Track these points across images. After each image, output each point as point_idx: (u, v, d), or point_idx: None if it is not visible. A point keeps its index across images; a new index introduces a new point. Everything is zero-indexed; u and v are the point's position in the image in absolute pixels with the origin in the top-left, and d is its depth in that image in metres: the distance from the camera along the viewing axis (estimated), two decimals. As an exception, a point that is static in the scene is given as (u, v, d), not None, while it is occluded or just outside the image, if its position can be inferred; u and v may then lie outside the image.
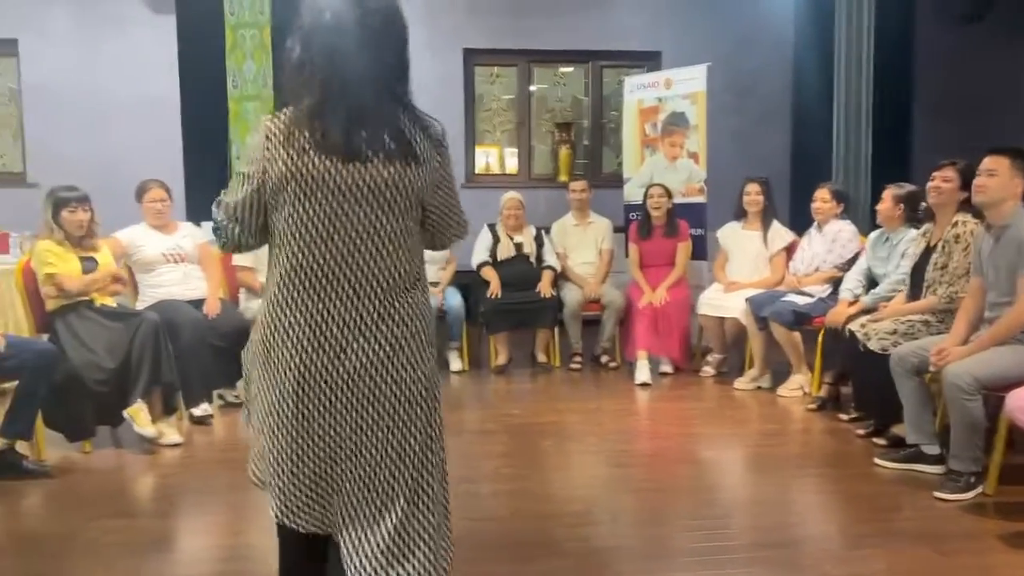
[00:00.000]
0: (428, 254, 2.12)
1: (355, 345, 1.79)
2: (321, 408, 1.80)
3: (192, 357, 4.14)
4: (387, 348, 1.81)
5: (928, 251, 3.83)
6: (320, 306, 1.77)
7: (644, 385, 5.16)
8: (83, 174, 5.23)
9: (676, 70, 6.34)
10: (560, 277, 5.74)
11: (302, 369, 1.78)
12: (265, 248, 1.90)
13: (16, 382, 3.50)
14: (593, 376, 5.53)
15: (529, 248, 5.74)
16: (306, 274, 1.77)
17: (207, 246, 4.69)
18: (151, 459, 3.80)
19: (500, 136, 7.94)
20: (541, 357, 5.70)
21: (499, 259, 5.69)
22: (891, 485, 3.38)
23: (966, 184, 3.49)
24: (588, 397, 5.02)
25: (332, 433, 1.82)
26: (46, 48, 6.98)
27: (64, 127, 6.96)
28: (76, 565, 2.71)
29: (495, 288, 5.50)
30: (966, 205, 3.62)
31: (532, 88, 7.91)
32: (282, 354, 1.79)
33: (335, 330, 1.78)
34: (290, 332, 1.79)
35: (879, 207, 4.38)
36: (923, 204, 4.11)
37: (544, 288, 5.55)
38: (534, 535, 2.90)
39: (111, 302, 4.00)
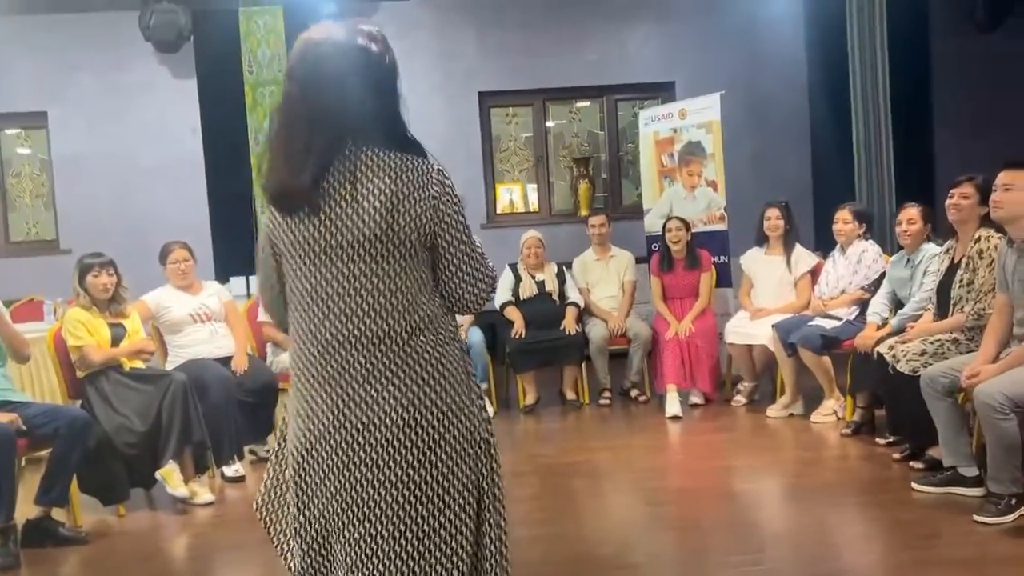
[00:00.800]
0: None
1: (352, 405, 1.69)
2: (323, 474, 1.72)
3: (221, 415, 4.18)
4: (392, 403, 1.68)
5: (952, 268, 3.77)
6: (314, 369, 1.71)
7: (675, 418, 5.10)
8: (113, 239, 5.39)
9: (690, 100, 6.36)
10: (584, 313, 5.73)
11: (304, 436, 1.73)
12: None
13: (50, 449, 3.57)
14: (623, 411, 5.48)
15: (551, 286, 5.75)
16: (300, 336, 1.73)
17: (232, 303, 4.77)
18: (185, 519, 3.83)
19: (519, 175, 8.01)
20: (570, 395, 5.67)
21: (522, 298, 5.70)
22: (930, 510, 3.29)
23: (985, 199, 3.43)
24: (619, 434, 4.98)
25: (337, 497, 1.71)
26: (74, 118, 7.21)
27: (94, 194, 7.16)
28: (111, 631, 2.73)
29: (519, 327, 5.51)
30: (988, 220, 3.57)
31: (548, 124, 7.98)
32: (293, 424, 1.77)
33: (328, 391, 1.70)
34: (296, 398, 1.76)
35: (904, 228, 4.34)
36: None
37: (569, 325, 5.54)
38: (567, 581, 2.87)
39: (140, 364, 4.08)
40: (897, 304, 4.39)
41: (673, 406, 5.15)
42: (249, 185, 7.02)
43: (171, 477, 3.82)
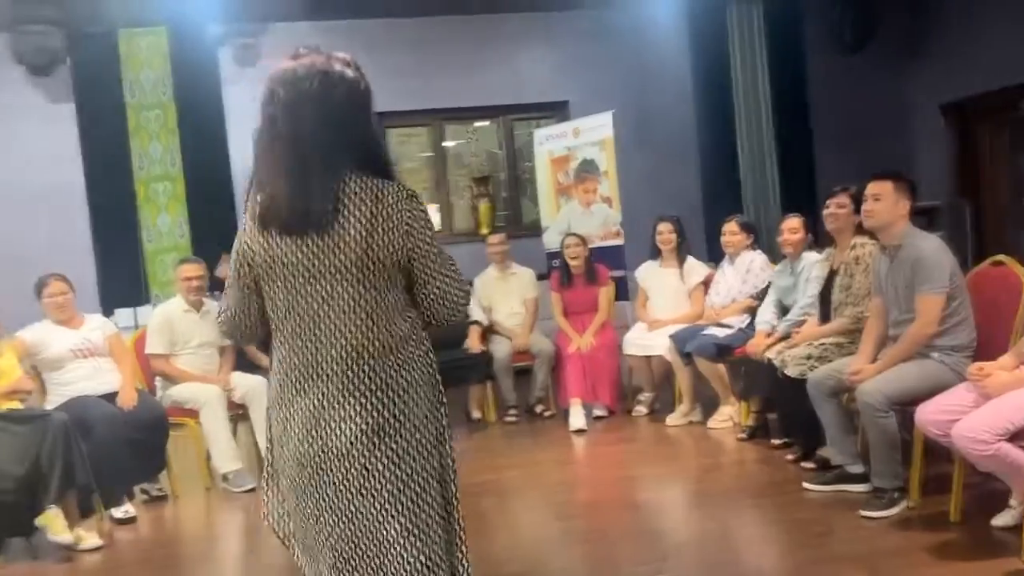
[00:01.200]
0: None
1: (332, 424, 1.75)
2: (317, 495, 1.77)
3: (108, 454, 3.96)
4: (370, 423, 1.74)
5: (832, 275, 3.96)
6: (295, 387, 1.78)
7: (580, 432, 5.15)
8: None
9: (582, 119, 6.49)
10: (487, 331, 5.73)
11: (297, 457, 1.78)
12: (173, 335, 1.88)
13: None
14: (529, 427, 5.50)
15: (453, 305, 5.71)
16: (285, 353, 1.79)
17: (118, 336, 4.56)
18: (70, 567, 3.59)
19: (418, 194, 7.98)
20: (476, 413, 5.66)
21: (424, 319, 5.65)
22: (822, 509, 3.43)
23: (859, 208, 3.62)
24: (526, 450, 4.99)
25: (332, 518, 1.77)
26: (-59, 143, 6.76)
27: (-32, 224, 6.71)
28: None
29: (423, 349, 5.45)
30: (863, 228, 3.76)
31: (446, 144, 7.99)
32: (281, 448, 1.82)
33: (311, 410, 1.76)
34: (279, 411, 1.82)
35: (786, 237, 4.53)
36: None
37: (473, 343, 5.53)
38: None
39: (17, 404, 3.83)
40: (783, 311, 4.57)
41: (577, 420, 5.20)
42: (134, 212, 6.75)
43: (54, 523, 3.58)
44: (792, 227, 4.50)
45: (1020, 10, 6.81)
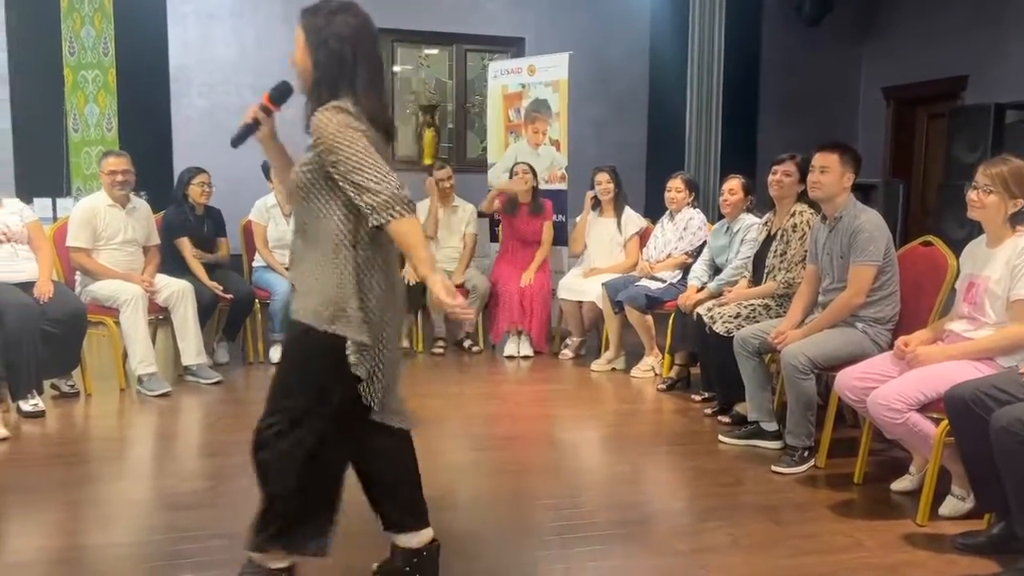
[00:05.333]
0: (277, 238, 3.27)
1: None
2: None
3: (19, 344, 3.82)
4: None
5: (769, 239, 4.06)
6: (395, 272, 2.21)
7: (511, 358, 5.38)
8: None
9: (539, 57, 6.41)
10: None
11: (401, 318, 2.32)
12: (96, 229, 1.91)
13: None
14: (456, 361, 5.53)
15: (391, 232, 5.65)
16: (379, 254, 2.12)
17: (38, 224, 4.35)
18: (-28, 456, 3.48)
19: (362, 116, 7.79)
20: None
21: (359, 243, 5.57)
22: (734, 461, 3.56)
23: (804, 177, 3.70)
24: (451, 382, 5.02)
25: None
26: None
27: None
28: None
29: (354, 273, 5.38)
30: (804, 196, 3.86)
31: (396, 69, 7.78)
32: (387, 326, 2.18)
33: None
34: (384, 287, 2.16)
35: (726, 197, 4.60)
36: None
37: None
38: (391, 522, 2.86)
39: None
40: (715, 270, 4.67)
41: (511, 347, 5.40)
42: (60, 99, 6.39)
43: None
44: (732, 188, 4.57)
45: (972, 5, 7.00)
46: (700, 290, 4.56)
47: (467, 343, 5.75)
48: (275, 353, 5.29)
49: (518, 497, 3.19)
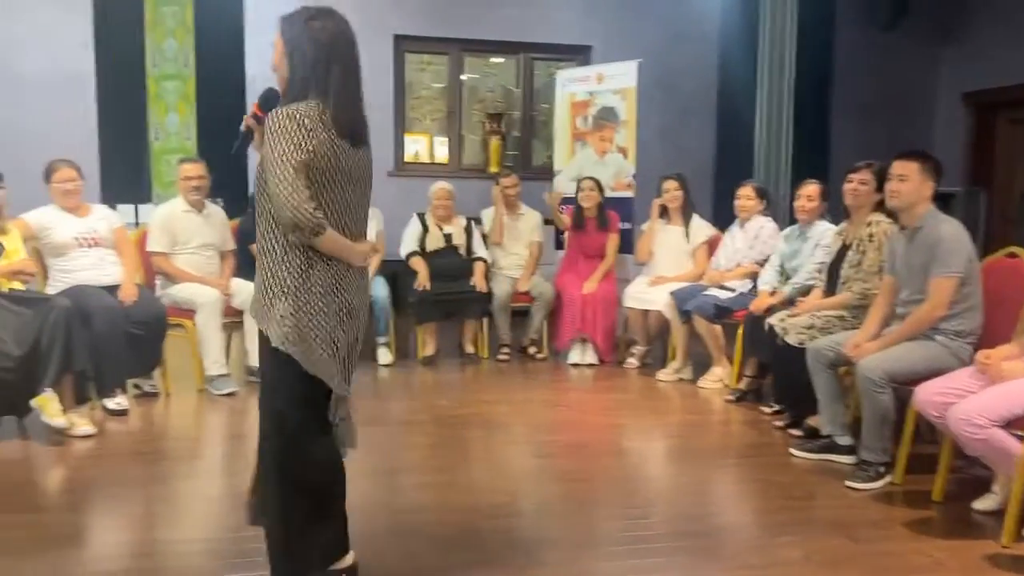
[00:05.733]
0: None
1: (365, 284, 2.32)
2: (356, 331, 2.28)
3: (106, 345, 3.98)
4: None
5: (844, 249, 3.97)
6: (347, 267, 2.18)
7: (576, 366, 5.37)
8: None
9: (608, 65, 6.41)
10: (489, 269, 5.74)
11: (361, 308, 2.28)
12: (174, 233, 2.04)
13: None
14: (520, 367, 5.55)
15: (459, 239, 5.71)
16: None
17: (123, 230, 4.53)
18: (61, 451, 3.64)
19: (430, 124, 7.88)
20: (469, 348, 5.69)
21: (428, 250, 5.65)
22: (806, 475, 3.49)
23: (881, 185, 3.61)
24: (515, 388, 5.04)
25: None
26: (-52, 17, 6.59)
27: (-33, 101, 6.58)
28: (-22, 562, 2.58)
29: (423, 279, 5.46)
30: (881, 205, 3.76)
31: (463, 77, 7.86)
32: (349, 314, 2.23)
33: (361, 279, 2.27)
34: (339, 280, 2.18)
35: (803, 203, 4.52)
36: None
37: (478, 281, 5.54)
38: (458, 527, 2.89)
39: (19, 285, 3.82)
40: (785, 276, 4.59)
41: (575, 355, 5.37)
42: (143, 109, 6.64)
43: (48, 406, 3.61)
44: (809, 194, 4.49)
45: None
46: (772, 295, 4.49)
47: (532, 350, 5.77)
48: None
49: (583, 506, 3.18)
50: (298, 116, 2.04)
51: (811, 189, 4.50)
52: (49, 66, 6.58)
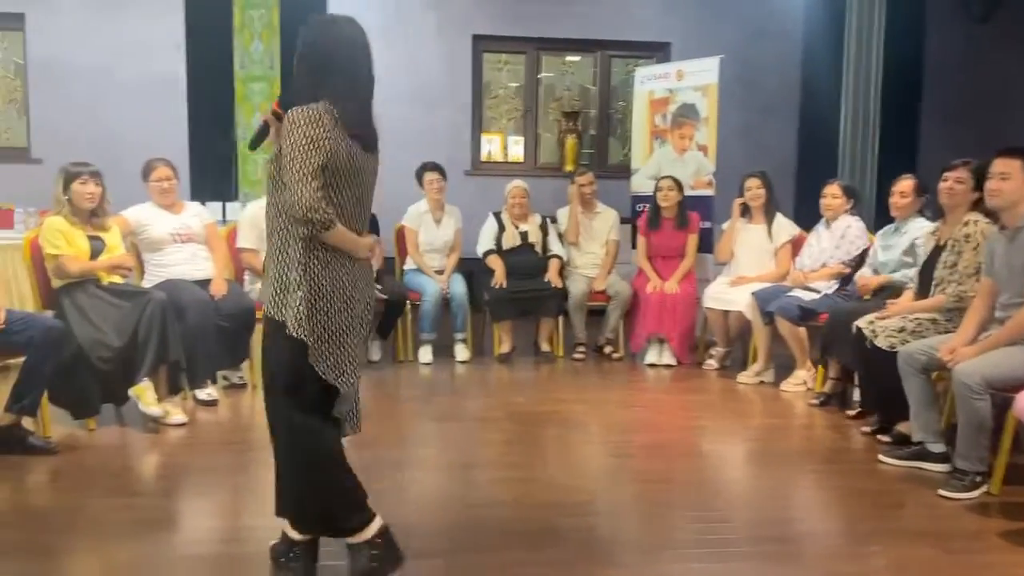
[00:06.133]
0: (429, 243, 3.87)
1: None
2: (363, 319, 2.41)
3: (197, 338, 4.13)
4: None
5: (938, 250, 3.82)
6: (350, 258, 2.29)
7: (652, 366, 5.31)
8: (87, 151, 5.19)
9: (688, 62, 6.32)
10: (565, 267, 5.74)
11: (365, 299, 2.40)
12: (262, 231, 2.42)
13: (21, 358, 3.49)
14: (596, 367, 5.53)
15: (535, 237, 5.73)
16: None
17: (214, 226, 4.69)
18: (155, 438, 3.79)
19: (506, 124, 7.91)
20: (544, 347, 5.69)
21: (504, 248, 5.68)
22: (895, 482, 3.38)
23: (979, 184, 3.47)
24: (591, 387, 5.02)
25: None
26: (53, 23, 6.93)
27: (69, 103, 6.91)
28: (80, 540, 2.72)
29: (500, 277, 5.49)
30: (978, 205, 3.61)
31: (540, 76, 7.87)
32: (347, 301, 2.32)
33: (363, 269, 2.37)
34: (342, 270, 2.28)
35: (895, 200, 4.40)
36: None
37: (553, 278, 5.54)
38: (536, 523, 2.90)
39: (118, 279, 3.99)
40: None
41: (652, 355, 5.32)
42: (231, 109, 6.86)
43: (144, 395, 3.77)
44: (902, 190, 4.37)
45: None
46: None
47: (607, 349, 5.74)
48: (424, 353, 5.48)
49: (661, 507, 3.15)
50: (316, 115, 2.13)
51: (904, 185, 4.36)
52: (144, 70, 6.87)
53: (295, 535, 2.43)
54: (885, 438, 3.82)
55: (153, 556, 2.62)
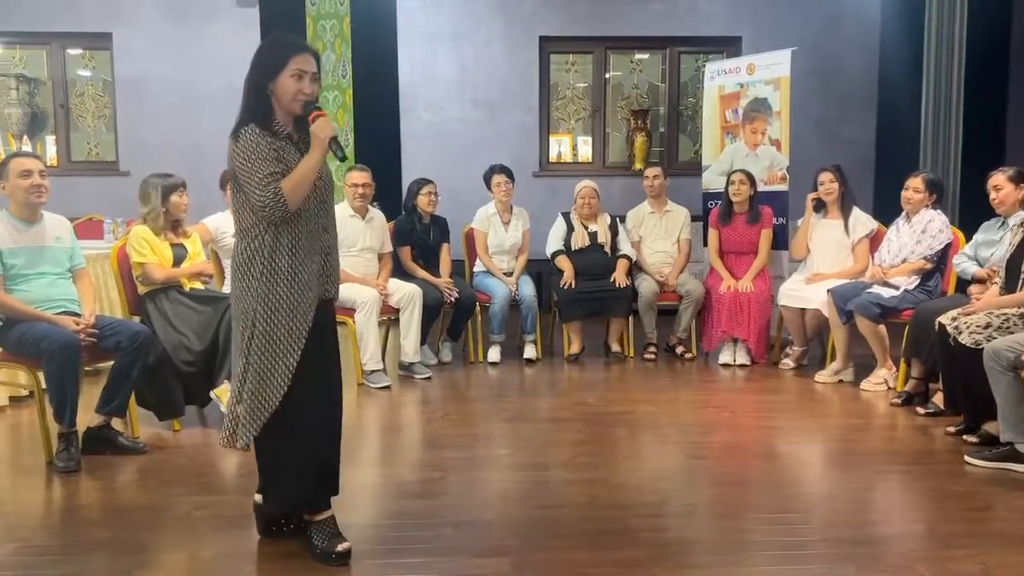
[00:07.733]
0: (497, 244, 3.95)
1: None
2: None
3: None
4: None
5: (1025, 243, 3.66)
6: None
7: (726, 366, 5.24)
8: (171, 162, 5.44)
9: (759, 55, 6.20)
10: (635, 266, 5.70)
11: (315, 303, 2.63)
12: (341, 239, 2.83)
13: (111, 362, 3.67)
14: (667, 367, 5.47)
15: (604, 237, 5.70)
16: (302, 244, 2.58)
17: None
18: (236, 438, 3.91)
19: (575, 124, 7.91)
20: (615, 347, 5.66)
21: (573, 248, 5.67)
22: (983, 484, 3.25)
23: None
24: (663, 388, 4.97)
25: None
26: (138, 41, 7.26)
27: (154, 117, 7.23)
28: (169, 537, 2.82)
29: (569, 277, 5.49)
30: (1070, 195, 3.45)
31: (608, 75, 7.84)
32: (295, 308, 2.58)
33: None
34: (295, 273, 2.57)
35: (993, 196, 4.23)
36: None
37: (619, 277, 5.51)
38: (610, 524, 2.89)
39: (199, 286, 4.14)
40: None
41: (726, 354, 5.25)
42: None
43: (225, 396, 3.89)
44: (996, 184, 4.20)
45: None
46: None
47: (679, 349, 5.68)
48: (493, 353, 5.51)
49: (738, 509, 3.09)
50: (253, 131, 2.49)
51: (997, 179, 4.20)
52: (224, 83, 7.09)
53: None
54: (972, 438, 3.67)
55: (237, 552, 2.70)
